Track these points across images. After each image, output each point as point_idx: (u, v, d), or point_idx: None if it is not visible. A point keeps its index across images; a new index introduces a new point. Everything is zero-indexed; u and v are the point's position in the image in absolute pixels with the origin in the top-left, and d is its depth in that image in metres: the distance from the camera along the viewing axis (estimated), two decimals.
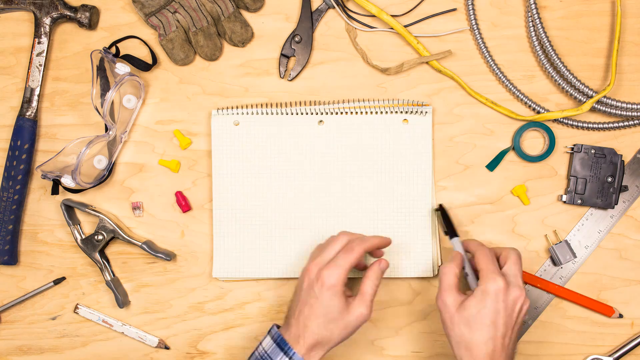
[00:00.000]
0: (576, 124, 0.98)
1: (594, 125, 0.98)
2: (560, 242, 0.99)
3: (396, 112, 0.98)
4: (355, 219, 0.99)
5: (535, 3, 0.97)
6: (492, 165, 0.99)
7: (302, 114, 0.98)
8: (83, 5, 0.98)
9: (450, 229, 0.94)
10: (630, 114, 0.97)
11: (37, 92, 0.99)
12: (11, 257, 0.99)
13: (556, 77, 0.97)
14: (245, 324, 1.01)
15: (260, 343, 0.87)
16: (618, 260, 1.00)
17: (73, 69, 1.00)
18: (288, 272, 1.00)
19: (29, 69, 0.98)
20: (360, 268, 0.96)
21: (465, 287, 0.89)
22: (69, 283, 1.02)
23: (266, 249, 1.00)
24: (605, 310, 0.99)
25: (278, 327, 0.88)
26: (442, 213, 0.96)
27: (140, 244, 0.98)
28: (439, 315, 0.86)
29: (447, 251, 1.00)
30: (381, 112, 0.98)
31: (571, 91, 0.97)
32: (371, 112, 0.99)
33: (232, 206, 0.99)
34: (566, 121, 0.99)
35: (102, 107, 0.95)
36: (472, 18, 0.98)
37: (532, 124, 0.98)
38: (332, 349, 0.86)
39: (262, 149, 0.99)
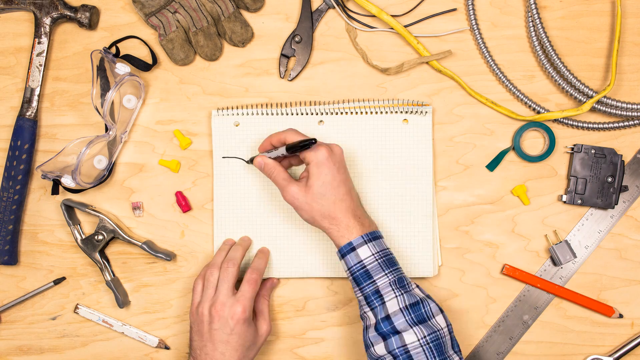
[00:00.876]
0: (576, 124, 0.98)
1: (594, 125, 0.98)
2: (560, 242, 0.99)
3: (396, 112, 0.98)
4: None
5: (535, 3, 0.97)
6: (492, 165, 0.99)
7: (302, 114, 0.98)
8: (83, 5, 0.98)
9: (251, 161, 0.95)
10: (630, 114, 0.97)
11: (37, 92, 0.99)
12: (11, 257, 0.99)
13: (556, 77, 0.97)
14: None
15: None
16: (618, 260, 1.00)
17: (73, 69, 1.00)
18: (288, 272, 1.00)
19: (29, 69, 0.98)
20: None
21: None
22: (69, 283, 1.02)
23: (267, 249, 1.00)
24: (605, 310, 0.99)
25: None
26: (247, 161, 0.98)
27: (140, 244, 0.98)
28: (292, 209, 0.90)
29: (447, 251, 1.00)
30: (381, 112, 0.98)
31: (571, 91, 0.97)
32: (371, 113, 0.99)
33: (233, 206, 0.99)
34: (566, 121, 0.99)
35: (102, 107, 0.95)
36: (472, 18, 0.98)
37: (532, 124, 0.98)
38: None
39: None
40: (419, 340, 0.83)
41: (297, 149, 0.87)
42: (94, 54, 0.94)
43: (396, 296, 0.85)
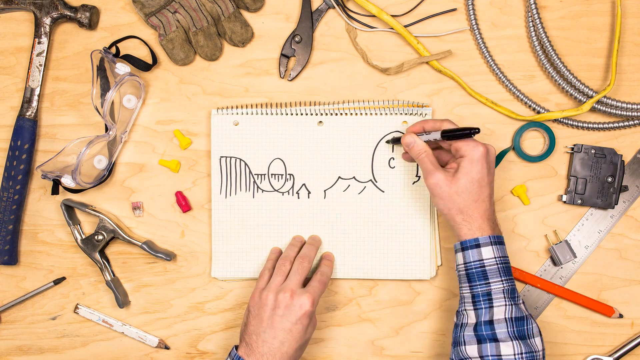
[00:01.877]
0: (576, 124, 0.98)
1: (594, 125, 0.98)
2: (560, 242, 0.99)
3: (396, 113, 0.98)
4: (354, 219, 0.99)
5: (535, 3, 0.97)
6: None
7: (301, 114, 0.98)
8: (83, 5, 0.98)
9: (398, 141, 0.95)
10: (630, 114, 0.97)
11: (37, 92, 0.99)
12: (11, 257, 0.99)
13: (556, 77, 0.97)
14: None
15: None
16: (618, 260, 1.00)
17: (73, 69, 1.00)
18: None
19: (29, 69, 0.98)
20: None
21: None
22: (69, 283, 1.02)
23: (266, 248, 1.00)
24: (605, 310, 0.99)
25: (236, 347, 0.90)
26: (391, 141, 0.98)
27: (140, 244, 0.98)
28: (431, 197, 0.89)
29: (447, 251, 1.00)
30: (381, 114, 0.98)
31: (571, 91, 0.97)
32: (371, 114, 0.99)
33: (231, 206, 0.99)
34: (566, 121, 0.99)
35: (102, 107, 0.95)
36: (472, 18, 0.98)
37: (532, 124, 0.98)
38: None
39: (261, 149, 0.99)
40: (514, 355, 0.83)
41: (455, 136, 0.86)
42: (94, 54, 0.94)
43: (505, 305, 0.84)
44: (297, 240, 0.98)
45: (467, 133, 0.86)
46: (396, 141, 0.96)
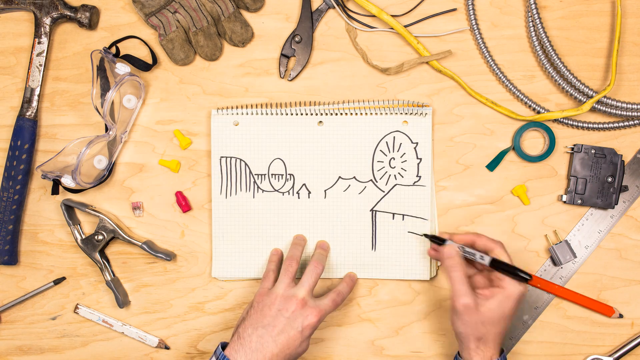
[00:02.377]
0: (576, 124, 0.98)
1: (594, 125, 0.98)
2: (561, 242, 0.99)
3: (396, 113, 0.98)
4: (354, 219, 0.99)
5: (535, 3, 0.97)
6: (492, 165, 0.99)
7: (301, 114, 0.99)
8: (83, 5, 0.98)
9: (438, 240, 0.94)
10: (630, 114, 0.97)
11: (37, 92, 0.99)
12: (11, 257, 0.99)
13: (556, 77, 0.97)
14: None
15: None
16: (618, 260, 1.00)
17: (73, 69, 1.00)
18: None
19: (29, 69, 0.98)
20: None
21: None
22: (69, 283, 1.02)
23: (266, 248, 1.00)
24: (605, 310, 0.99)
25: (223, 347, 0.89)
26: (429, 237, 0.96)
27: (140, 244, 0.98)
28: (452, 314, 0.87)
29: None
30: (381, 114, 0.98)
31: (571, 91, 0.97)
32: (371, 114, 0.99)
33: (232, 206, 0.99)
34: (566, 121, 0.99)
35: (102, 107, 0.95)
36: (472, 18, 0.98)
37: (532, 124, 0.98)
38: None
39: (261, 149, 0.99)
40: None
41: (503, 271, 0.86)
42: (94, 54, 0.94)
43: None
44: (300, 239, 0.98)
45: (518, 276, 0.85)
46: (434, 240, 0.94)
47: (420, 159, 0.99)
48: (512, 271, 0.86)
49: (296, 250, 0.95)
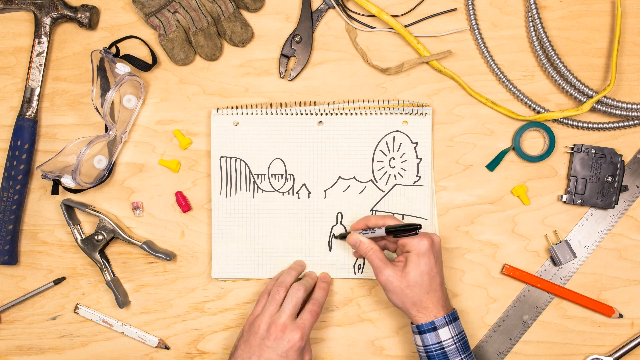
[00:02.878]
0: (576, 124, 0.98)
1: (594, 125, 0.98)
2: (560, 242, 0.99)
3: (396, 113, 0.98)
4: (354, 219, 0.99)
5: (535, 3, 0.97)
6: (492, 165, 0.99)
7: (301, 114, 0.99)
8: (83, 5, 0.98)
9: (343, 236, 0.97)
10: (630, 114, 0.97)
11: (37, 92, 0.99)
12: (11, 257, 0.99)
13: (556, 77, 0.97)
14: None
15: None
16: (618, 260, 1.00)
17: (73, 69, 1.00)
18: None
19: (29, 69, 0.98)
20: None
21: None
22: (69, 283, 1.02)
23: (265, 248, 1.00)
24: (605, 310, 0.99)
25: None
26: (337, 236, 0.99)
27: (140, 244, 0.98)
28: (385, 292, 0.89)
29: (447, 251, 1.00)
30: (381, 113, 0.98)
31: (571, 91, 0.97)
32: (371, 113, 0.99)
33: (231, 206, 0.99)
34: (566, 121, 0.99)
35: (102, 107, 0.95)
36: (472, 18, 0.98)
37: (532, 124, 0.98)
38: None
39: (261, 149, 0.99)
40: None
41: (399, 233, 0.88)
42: (94, 54, 0.94)
43: None
44: (297, 264, 0.99)
45: (410, 231, 0.87)
46: (343, 237, 0.97)
47: (420, 159, 0.99)
48: (404, 229, 0.87)
49: (288, 276, 0.96)
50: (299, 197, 0.99)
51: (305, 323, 0.91)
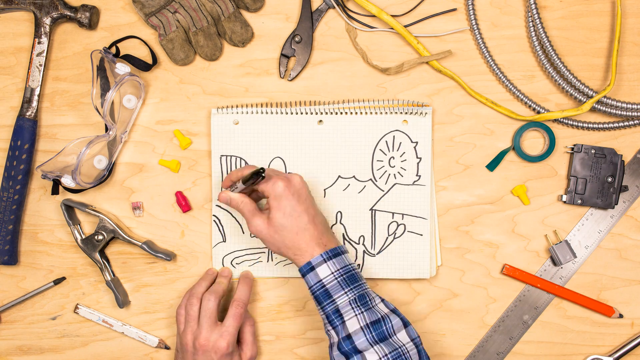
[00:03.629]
0: (576, 124, 0.98)
1: (594, 125, 0.98)
2: (560, 242, 0.99)
3: (396, 112, 0.98)
4: (353, 219, 0.99)
5: (535, 3, 0.97)
6: (492, 165, 0.99)
7: (301, 113, 0.99)
8: (83, 5, 0.98)
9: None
10: (630, 114, 0.97)
11: (37, 92, 0.99)
12: (11, 257, 0.99)
13: (556, 77, 0.97)
14: None
15: None
16: (618, 260, 1.00)
17: (73, 69, 1.00)
18: (287, 271, 1.00)
19: (29, 69, 0.98)
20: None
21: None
22: (69, 283, 1.02)
23: (265, 248, 1.00)
24: (605, 310, 0.99)
25: None
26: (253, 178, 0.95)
27: (140, 244, 0.98)
28: (259, 239, 0.90)
29: (447, 251, 1.00)
30: (381, 113, 0.98)
31: (571, 91, 0.97)
32: (371, 113, 0.99)
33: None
34: (566, 121, 0.99)
35: (102, 107, 0.95)
36: (472, 18, 0.98)
37: (532, 124, 0.98)
38: None
39: (261, 148, 0.99)
40: (380, 358, 0.82)
41: (251, 181, 0.87)
42: (94, 54, 0.94)
43: (356, 315, 0.85)
44: (208, 274, 0.99)
45: (255, 177, 0.86)
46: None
47: (420, 159, 0.99)
48: (253, 177, 0.86)
49: (199, 287, 0.96)
50: None
51: (228, 329, 0.91)
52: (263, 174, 0.86)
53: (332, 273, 0.86)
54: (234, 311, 0.93)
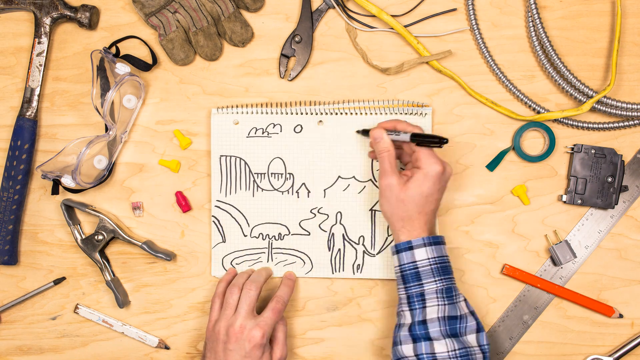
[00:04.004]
0: (576, 124, 0.98)
1: (594, 125, 0.98)
2: (560, 242, 0.99)
3: (396, 113, 0.98)
4: (353, 219, 0.99)
5: (535, 3, 0.97)
6: (492, 165, 0.99)
7: (301, 113, 0.99)
8: (83, 5, 0.98)
9: (366, 131, 0.94)
10: (630, 114, 0.97)
11: (37, 92, 0.99)
12: (11, 257, 0.99)
13: (556, 77, 0.97)
14: None
15: None
16: (618, 260, 1.00)
17: (73, 69, 1.00)
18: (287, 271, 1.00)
19: (29, 69, 0.98)
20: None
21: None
22: (69, 283, 1.02)
23: (265, 248, 1.00)
24: (605, 310, 0.99)
25: None
26: (360, 131, 0.96)
27: (140, 244, 0.98)
28: (380, 196, 0.90)
29: (448, 251, 1.00)
30: (381, 113, 0.98)
31: (571, 91, 0.97)
32: (371, 113, 0.99)
33: (231, 205, 0.99)
34: (566, 121, 0.99)
35: (102, 107, 0.95)
36: (472, 18, 0.98)
37: (532, 124, 0.98)
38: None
39: (261, 148, 0.99)
40: (448, 352, 0.84)
41: (423, 142, 0.87)
42: (94, 54, 0.94)
43: (438, 304, 0.86)
44: (247, 271, 0.99)
45: (436, 141, 0.86)
46: (365, 132, 0.95)
47: None
48: (430, 140, 0.87)
49: (241, 278, 0.96)
50: (298, 196, 0.99)
51: (266, 321, 0.91)
52: (445, 141, 0.86)
53: (428, 259, 0.87)
54: (273, 305, 0.93)
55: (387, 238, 0.99)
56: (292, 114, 0.99)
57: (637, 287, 1.00)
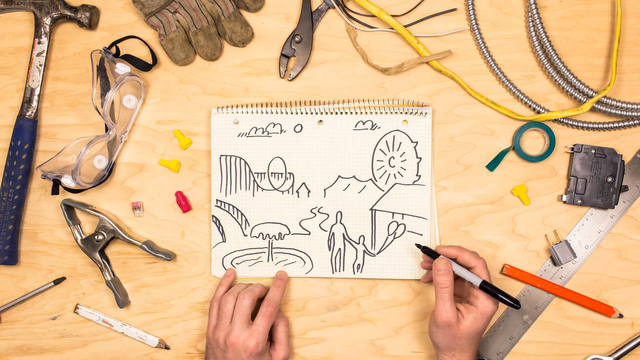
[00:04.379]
0: (576, 124, 0.98)
1: (594, 125, 0.98)
2: (560, 242, 0.99)
3: (396, 112, 0.98)
4: (353, 219, 0.99)
5: (535, 3, 0.97)
6: (492, 165, 0.99)
7: (301, 113, 0.99)
8: (83, 5, 0.98)
9: (431, 252, 0.94)
10: (630, 114, 0.97)
11: (37, 92, 0.99)
12: (11, 257, 0.99)
13: (556, 77, 0.97)
14: None
15: None
16: (618, 260, 1.00)
17: (73, 69, 1.01)
18: (288, 272, 1.00)
19: (29, 69, 0.98)
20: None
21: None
22: (69, 283, 1.02)
23: (265, 248, 1.00)
24: (605, 310, 0.99)
25: None
26: (424, 249, 0.95)
27: (140, 244, 0.98)
28: (432, 325, 0.91)
29: None
30: (381, 113, 0.98)
31: (571, 91, 0.97)
32: (371, 113, 0.99)
33: (231, 205, 0.99)
34: (566, 121, 0.99)
35: (102, 107, 0.95)
36: (472, 18, 0.98)
37: (532, 124, 0.98)
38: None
39: (261, 148, 0.99)
40: None
41: (491, 294, 0.89)
42: (94, 54, 0.94)
43: None
44: (249, 283, 0.99)
45: (507, 303, 0.88)
46: (427, 251, 0.93)
47: (420, 158, 0.99)
48: (501, 297, 0.89)
49: (237, 287, 0.97)
50: (298, 196, 0.99)
51: (259, 329, 0.92)
52: (518, 306, 0.89)
53: None
54: (264, 310, 0.93)
55: (387, 237, 0.99)
56: (292, 113, 0.99)
57: (637, 287, 1.00)
